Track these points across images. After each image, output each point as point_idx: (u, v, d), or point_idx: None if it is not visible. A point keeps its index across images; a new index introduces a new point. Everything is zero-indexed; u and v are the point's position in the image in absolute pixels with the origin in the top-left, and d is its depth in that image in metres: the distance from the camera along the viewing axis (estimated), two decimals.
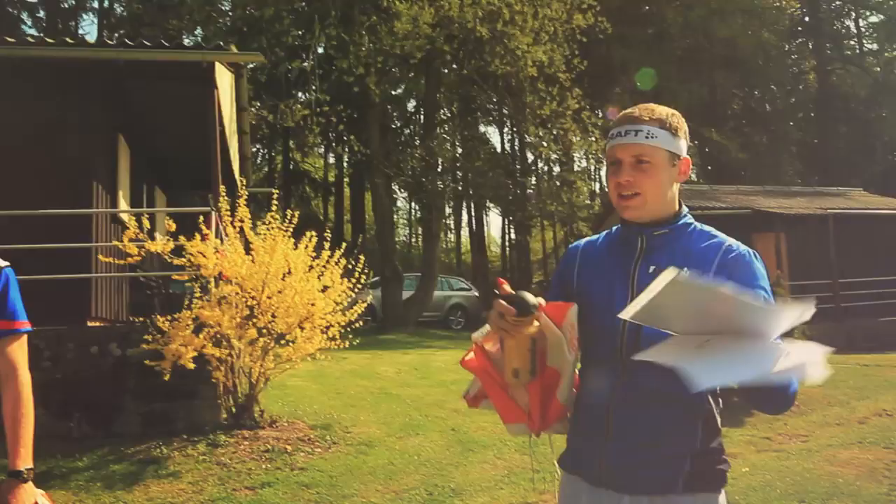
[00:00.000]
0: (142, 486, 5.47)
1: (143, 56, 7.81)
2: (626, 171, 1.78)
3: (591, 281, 1.88)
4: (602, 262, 1.90)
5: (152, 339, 6.41)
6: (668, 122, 1.80)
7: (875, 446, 6.54)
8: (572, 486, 1.88)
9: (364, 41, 17.12)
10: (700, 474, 1.73)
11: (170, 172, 13.25)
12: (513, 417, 1.81)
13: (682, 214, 1.86)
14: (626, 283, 1.80)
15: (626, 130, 1.79)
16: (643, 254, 1.82)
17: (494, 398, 1.82)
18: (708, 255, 1.78)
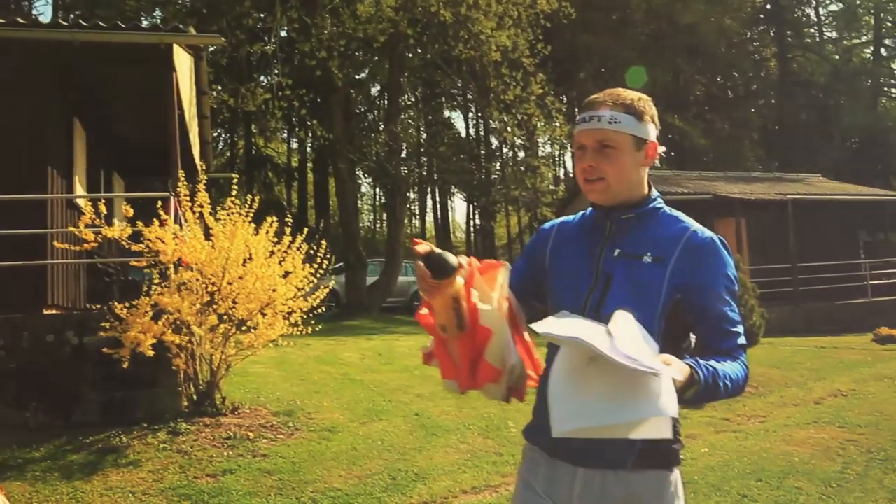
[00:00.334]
0: (101, 475, 5.39)
1: (99, 38, 7.62)
2: (590, 155, 1.79)
3: (560, 261, 1.92)
4: (573, 242, 1.93)
5: (110, 326, 6.29)
6: (634, 107, 1.81)
7: (830, 426, 6.69)
8: (532, 459, 1.92)
9: (326, 24, 16.95)
10: (652, 452, 1.74)
11: (128, 158, 13.00)
12: (448, 373, 1.82)
13: (651, 199, 1.87)
14: (591, 266, 1.82)
15: (591, 116, 1.80)
16: (610, 236, 1.84)
17: (438, 354, 1.84)
18: (671, 241, 1.80)
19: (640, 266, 1.78)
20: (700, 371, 1.62)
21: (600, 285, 1.79)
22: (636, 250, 1.79)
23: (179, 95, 8.51)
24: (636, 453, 1.75)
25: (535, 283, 1.97)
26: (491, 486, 5.17)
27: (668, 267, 1.77)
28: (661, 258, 1.77)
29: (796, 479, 5.16)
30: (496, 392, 1.84)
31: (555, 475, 1.83)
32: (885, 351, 12.07)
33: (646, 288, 1.75)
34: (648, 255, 1.78)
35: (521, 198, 22.23)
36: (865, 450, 5.89)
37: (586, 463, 1.77)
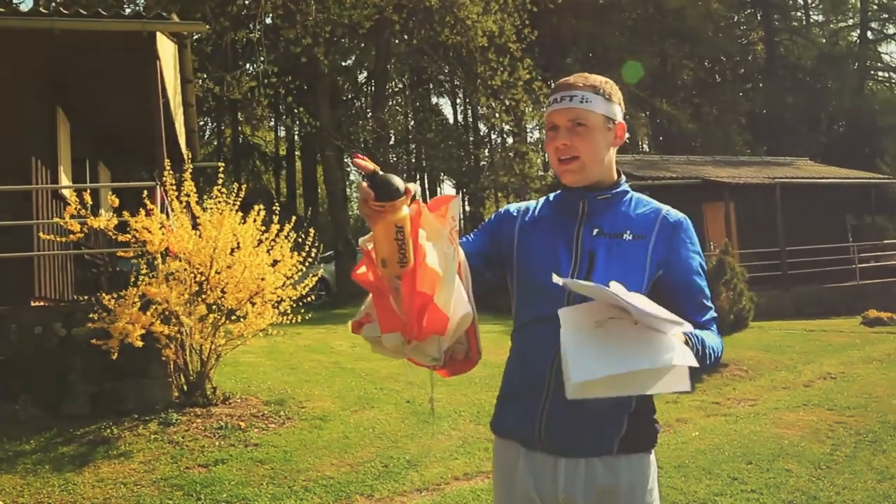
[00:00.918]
0: (92, 467, 5.37)
1: (80, 25, 7.52)
2: (563, 134, 1.81)
3: (533, 241, 1.91)
4: (544, 225, 1.92)
5: (98, 317, 6.25)
6: (602, 88, 1.84)
7: (819, 408, 6.73)
8: (508, 454, 1.89)
9: (311, 10, 16.82)
10: (634, 435, 1.77)
11: (114, 147, 12.89)
12: (390, 326, 1.64)
13: (621, 182, 1.91)
14: (570, 245, 1.84)
15: (562, 96, 1.83)
16: (585, 217, 1.86)
17: (378, 306, 1.66)
18: (648, 220, 1.85)
19: (622, 244, 1.81)
20: (693, 340, 1.65)
21: (584, 263, 1.80)
22: (614, 229, 1.83)
23: (164, 84, 8.42)
24: (621, 437, 1.76)
25: (495, 253, 1.95)
26: (483, 472, 5.18)
27: (649, 244, 1.81)
28: (642, 236, 1.82)
29: (786, 462, 5.19)
30: (436, 349, 1.67)
31: (536, 469, 1.81)
32: (873, 333, 12.15)
33: (630, 264, 1.79)
34: (628, 233, 1.82)
35: (510, 184, 22.22)
36: (854, 432, 5.93)
37: (568, 453, 1.77)
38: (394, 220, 1.52)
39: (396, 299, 1.63)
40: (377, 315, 1.67)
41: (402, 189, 1.51)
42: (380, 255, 1.57)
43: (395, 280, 1.62)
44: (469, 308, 1.68)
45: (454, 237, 1.66)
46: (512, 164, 21.32)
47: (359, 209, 1.59)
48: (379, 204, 1.50)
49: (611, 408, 1.73)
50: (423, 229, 1.63)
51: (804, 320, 14.70)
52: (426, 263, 1.60)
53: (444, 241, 1.64)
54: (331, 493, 4.87)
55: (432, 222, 1.65)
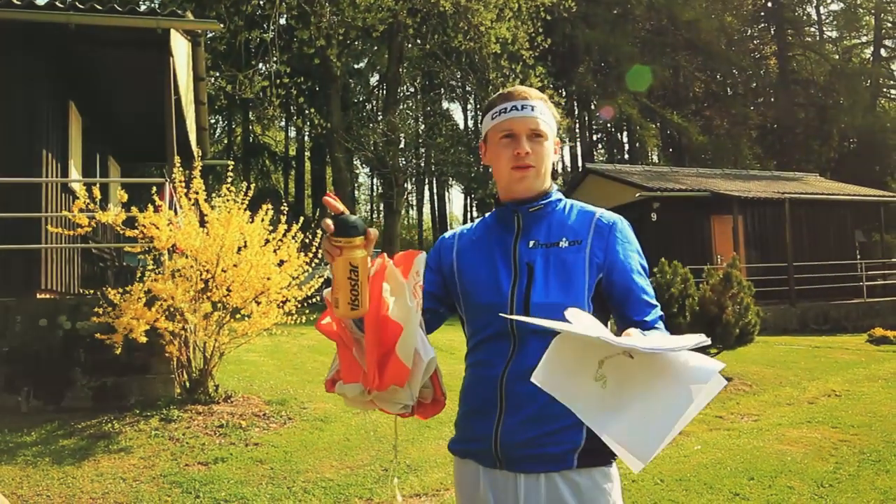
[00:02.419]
0: (92, 461, 5.36)
1: (95, 21, 7.56)
2: (524, 142, 1.82)
3: (473, 263, 1.90)
4: (482, 243, 1.93)
5: (103, 311, 6.26)
6: (549, 104, 1.89)
7: (823, 425, 6.68)
8: (467, 473, 1.88)
9: (325, 12, 16.88)
10: (593, 449, 1.72)
11: (124, 142, 12.94)
12: (351, 376, 1.68)
13: (553, 191, 1.92)
14: (508, 260, 1.84)
15: (522, 105, 1.83)
16: (521, 230, 1.87)
17: (341, 355, 1.71)
18: (583, 226, 1.84)
19: (559, 251, 1.81)
20: None
21: (523, 276, 1.79)
22: (550, 238, 1.83)
23: (176, 81, 8.46)
24: (580, 451, 1.73)
25: (442, 287, 1.96)
26: None
27: (585, 248, 1.80)
28: (578, 241, 1.81)
29: (789, 479, 5.16)
30: (403, 396, 1.71)
31: (496, 487, 1.80)
32: (879, 352, 12.09)
33: (569, 271, 1.77)
34: (564, 240, 1.82)
35: None
36: (858, 450, 5.88)
37: (526, 468, 1.75)
38: (349, 257, 1.53)
39: (359, 351, 1.67)
40: (340, 365, 1.71)
41: (360, 229, 1.53)
42: (334, 295, 1.57)
43: (357, 331, 1.66)
44: (433, 353, 1.71)
45: (417, 291, 1.69)
46: None
47: (321, 246, 1.61)
48: (336, 240, 1.52)
49: (565, 422, 1.70)
50: (388, 283, 1.65)
51: (810, 336, 14.64)
52: (388, 316, 1.62)
53: (407, 295, 1.65)
54: (330, 495, 4.86)
55: (397, 277, 1.67)
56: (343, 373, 1.69)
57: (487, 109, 1.92)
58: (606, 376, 1.45)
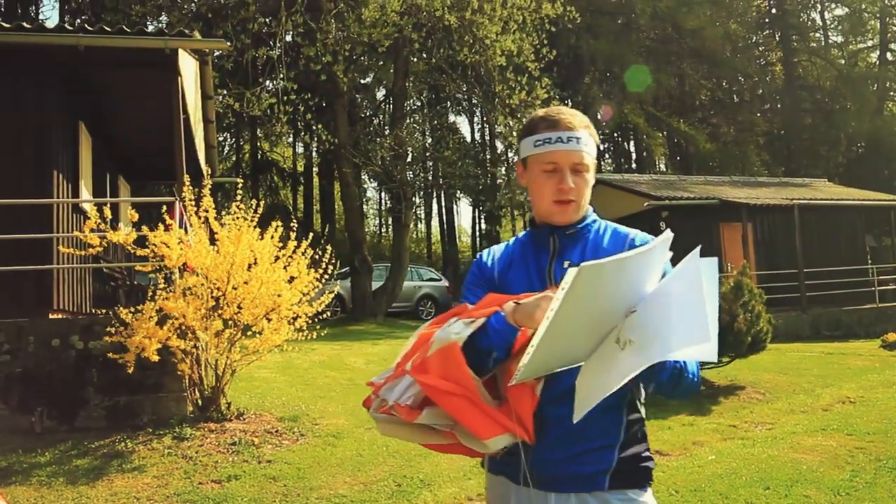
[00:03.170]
0: (105, 480, 5.38)
1: (104, 42, 7.63)
2: (569, 177, 1.81)
3: (510, 283, 1.90)
4: (518, 264, 1.93)
5: (115, 331, 6.29)
6: (591, 130, 1.88)
7: (838, 433, 6.64)
8: (499, 489, 1.88)
9: (331, 29, 16.97)
10: (626, 470, 1.74)
11: (134, 162, 13.03)
12: (491, 429, 1.62)
13: (590, 213, 1.93)
14: (543, 281, 1.84)
15: (568, 137, 1.82)
16: (556, 252, 1.88)
17: (462, 414, 1.61)
18: (616, 247, 1.85)
19: None
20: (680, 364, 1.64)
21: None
22: (584, 259, 1.79)
23: (185, 100, 8.51)
24: (611, 473, 1.73)
25: None
26: None
27: None
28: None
29: (804, 488, 5.12)
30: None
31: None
32: (893, 357, 12.00)
33: None
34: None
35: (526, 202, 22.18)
36: (874, 458, 5.84)
37: (557, 488, 1.75)
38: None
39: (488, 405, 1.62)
40: (466, 425, 1.62)
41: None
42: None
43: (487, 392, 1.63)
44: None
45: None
46: None
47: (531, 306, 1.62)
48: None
49: (596, 443, 1.73)
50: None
51: (822, 343, 14.55)
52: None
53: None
54: None
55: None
56: (480, 430, 1.61)
57: (529, 132, 1.88)
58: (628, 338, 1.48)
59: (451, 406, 1.60)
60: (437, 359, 1.60)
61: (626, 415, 1.78)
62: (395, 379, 1.75)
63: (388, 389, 1.74)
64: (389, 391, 1.73)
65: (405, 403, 1.68)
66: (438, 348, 1.60)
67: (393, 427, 1.74)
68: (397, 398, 1.70)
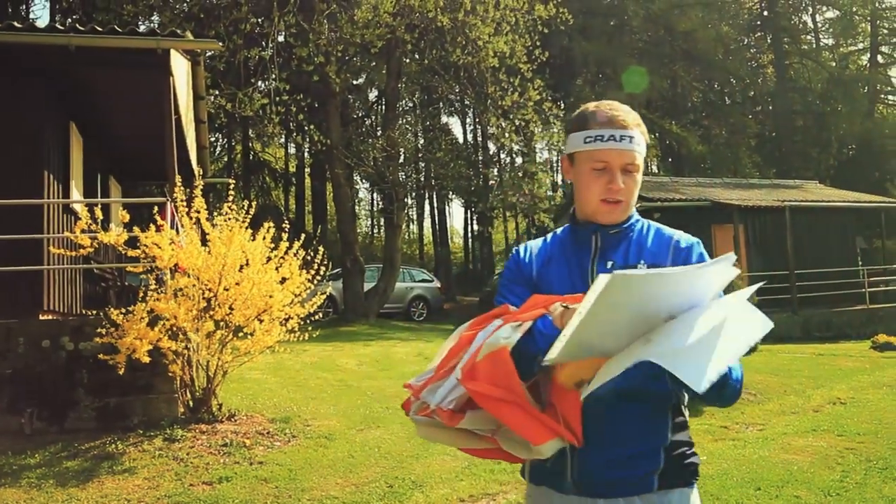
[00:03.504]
0: (96, 482, 5.35)
1: (96, 42, 7.61)
2: (619, 177, 1.77)
3: (549, 281, 1.84)
4: (558, 261, 1.88)
5: (106, 332, 6.26)
6: (643, 127, 1.82)
7: (828, 434, 6.66)
8: (542, 499, 1.83)
9: (324, 29, 16.96)
10: (673, 469, 1.72)
11: (125, 162, 12.99)
12: (543, 434, 1.58)
13: (633, 213, 1.88)
14: (585, 281, 1.78)
15: (622, 136, 1.76)
16: (598, 251, 1.83)
17: (514, 421, 1.57)
18: (661, 248, 1.82)
19: None
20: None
21: None
22: (628, 260, 1.79)
23: (176, 100, 8.49)
24: (660, 473, 1.71)
25: None
26: (488, 495, 5.14)
27: None
28: (657, 264, 1.77)
29: (795, 488, 5.14)
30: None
31: None
32: (883, 358, 12.06)
33: None
34: (642, 262, 1.78)
35: (518, 204, 22.21)
36: (864, 458, 5.86)
37: (605, 493, 1.71)
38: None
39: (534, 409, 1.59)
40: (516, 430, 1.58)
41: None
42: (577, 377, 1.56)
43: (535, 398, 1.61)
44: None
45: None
46: (521, 183, 21.31)
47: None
48: None
49: (645, 443, 1.70)
50: None
51: (813, 344, 14.60)
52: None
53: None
54: None
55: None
56: (531, 435, 1.57)
57: (579, 127, 1.82)
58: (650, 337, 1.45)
59: (503, 413, 1.56)
60: (486, 364, 1.55)
61: (672, 417, 1.75)
62: (437, 381, 1.70)
63: (430, 392, 1.69)
64: (431, 394, 1.68)
65: (447, 407, 1.63)
66: (488, 353, 1.56)
67: (433, 430, 1.70)
68: (439, 402, 1.64)
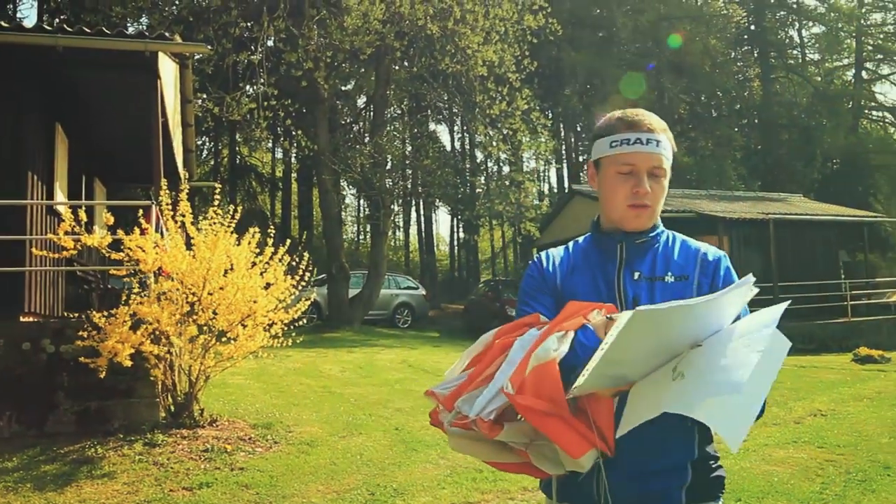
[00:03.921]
0: (74, 486, 5.30)
1: (83, 43, 7.55)
2: (646, 180, 1.75)
3: (574, 290, 1.80)
4: (582, 270, 1.84)
5: (88, 335, 6.21)
6: (669, 134, 1.81)
7: (809, 445, 6.70)
8: None
9: (313, 35, 16.96)
10: (700, 483, 1.72)
11: (111, 165, 12.92)
12: (583, 447, 1.53)
13: (658, 223, 1.85)
14: (612, 292, 1.76)
15: (648, 139, 1.75)
16: (624, 261, 1.80)
17: (557, 434, 1.52)
18: (688, 261, 1.80)
19: (665, 286, 1.75)
20: None
21: (628, 309, 1.69)
22: (655, 272, 1.77)
23: (164, 103, 8.45)
24: (687, 487, 1.70)
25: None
26: (470, 503, 5.13)
27: (692, 284, 1.76)
28: (685, 276, 1.76)
29: (775, 500, 5.16)
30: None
31: None
32: (864, 371, 12.14)
33: None
34: (670, 275, 1.76)
35: (504, 212, 22.25)
36: (844, 470, 5.89)
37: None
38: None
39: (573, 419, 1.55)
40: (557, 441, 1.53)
41: None
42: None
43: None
44: None
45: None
46: (508, 192, 21.36)
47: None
48: None
49: (673, 457, 1.69)
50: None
51: (795, 356, 14.67)
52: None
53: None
54: None
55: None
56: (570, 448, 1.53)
57: (606, 132, 1.80)
58: (682, 371, 1.43)
59: (548, 426, 1.51)
60: (533, 377, 1.51)
61: (698, 431, 1.72)
62: (474, 390, 1.64)
63: (467, 402, 1.62)
64: (468, 403, 1.62)
65: (488, 418, 1.56)
66: (535, 365, 1.51)
67: (466, 442, 1.66)
68: (479, 412, 1.57)
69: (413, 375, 11.04)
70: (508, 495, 5.24)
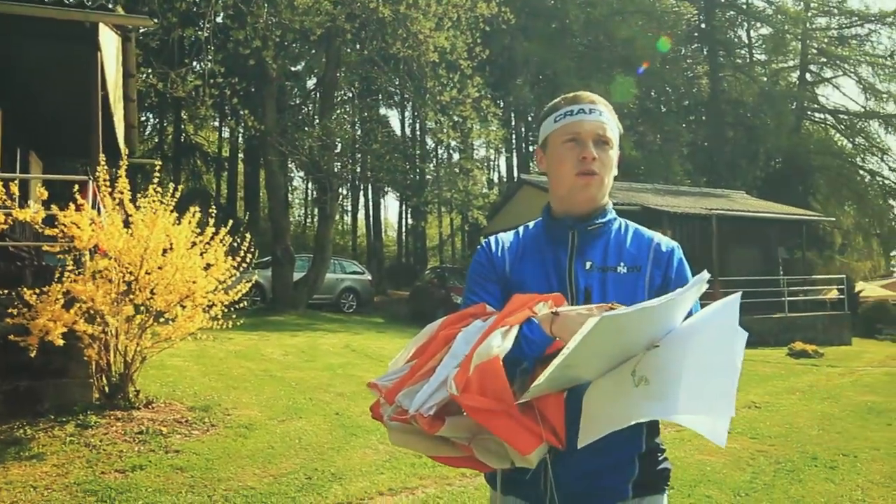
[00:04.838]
0: (1, 468, 5.14)
1: (19, 10, 7.29)
2: (592, 147, 1.72)
3: (523, 278, 1.77)
4: (532, 257, 1.80)
5: (18, 312, 6.02)
6: (612, 112, 1.80)
7: (742, 436, 6.86)
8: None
9: (262, 13, 16.63)
10: (647, 477, 1.72)
11: (50, 138, 12.53)
12: (532, 443, 1.50)
13: (609, 209, 1.82)
14: (563, 281, 1.73)
15: (590, 109, 1.74)
16: (576, 249, 1.76)
17: (504, 431, 1.48)
18: (641, 251, 1.77)
19: (618, 277, 1.72)
20: None
21: (580, 301, 1.68)
22: (606, 262, 1.74)
23: (104, 76, 8.22)
24: (634, 481, 1.70)
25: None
26: (408, 489, 5.12)
27: (645, 275, 1.73)
28: (637, 267, 1.73)
29: (707, 488, 5.27)
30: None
31: None
32: (798, 365, 12.49)
33: (627, 298, 1.62)
34: (622, 265, 1.73)
35: (453, 200, 22.26)
36: (774, 460, 6.06)
37: (581, 503, 1.69)
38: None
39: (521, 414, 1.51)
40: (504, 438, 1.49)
41: None
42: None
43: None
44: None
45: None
46: (456, 180, 21.36)
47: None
48: None
49: (621, 452, 1.68)
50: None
51: None
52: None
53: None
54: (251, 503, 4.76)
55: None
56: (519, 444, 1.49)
57: (549, 113, 1.80)
58: (644, 375, 1.41)
59: (494, 424, 1.48)
60: (477, 375, 1.46)
61: (646, 424, 1.70)
62: (415, 384, 1.59)
63: (407, 396, 1.58)
64: (408, 398, 1.57)
65: (428, 413, 1.52)
66: (479, 363, 1.46)
67: (406, 437, 1.61)
68: (419, 407, 1.53)
69: (356, 360, 10.99)
70: (447, 481, 5.25)
